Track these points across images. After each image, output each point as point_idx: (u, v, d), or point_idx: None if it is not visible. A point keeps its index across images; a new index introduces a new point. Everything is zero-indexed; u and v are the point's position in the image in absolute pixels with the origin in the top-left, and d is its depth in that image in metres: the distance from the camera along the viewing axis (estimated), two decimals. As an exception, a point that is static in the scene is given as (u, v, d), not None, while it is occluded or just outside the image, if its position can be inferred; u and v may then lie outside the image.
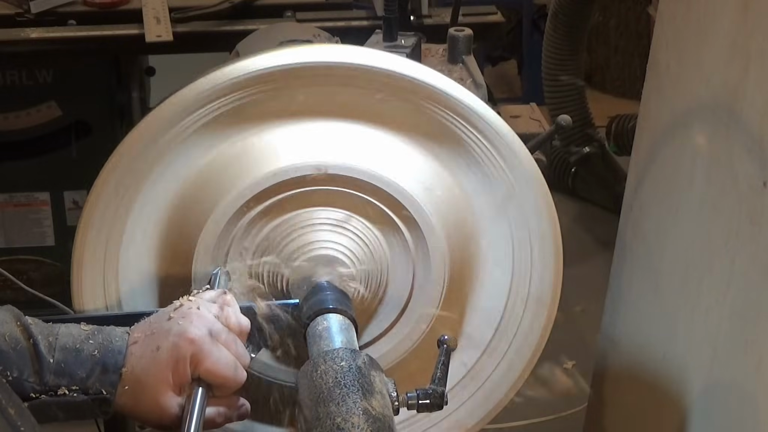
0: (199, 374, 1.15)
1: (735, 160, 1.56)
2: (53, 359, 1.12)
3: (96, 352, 1.13)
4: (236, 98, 1.28)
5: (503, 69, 5.08)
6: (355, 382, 1.11)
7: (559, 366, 3.08)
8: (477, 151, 1.33)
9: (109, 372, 1.13)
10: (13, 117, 2.68)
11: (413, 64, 1.34)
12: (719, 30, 1.63)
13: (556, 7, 3.66)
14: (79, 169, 2.67)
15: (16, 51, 2.54)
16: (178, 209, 1.30)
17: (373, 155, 1.31)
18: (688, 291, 1.73)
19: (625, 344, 2.03)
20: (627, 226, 2.01)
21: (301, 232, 1.30)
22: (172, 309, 1.19)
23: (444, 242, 1.32)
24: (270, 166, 1.28)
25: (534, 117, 2.03)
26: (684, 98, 1.77)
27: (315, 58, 1.30)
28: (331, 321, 1.24)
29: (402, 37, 1.92)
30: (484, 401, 1.40)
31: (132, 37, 2.57)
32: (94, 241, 1.30)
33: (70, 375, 1.12)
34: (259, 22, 2.53)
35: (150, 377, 1.14)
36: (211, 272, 1.29)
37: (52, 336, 1.14)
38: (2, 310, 1.15)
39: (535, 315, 1.38)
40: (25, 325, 1.13)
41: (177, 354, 1.14)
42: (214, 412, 1.18)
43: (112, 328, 1.17)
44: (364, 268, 1.31)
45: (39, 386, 1.11)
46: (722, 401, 1.63)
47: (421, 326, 1.34)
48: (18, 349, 1.11)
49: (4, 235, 2.80)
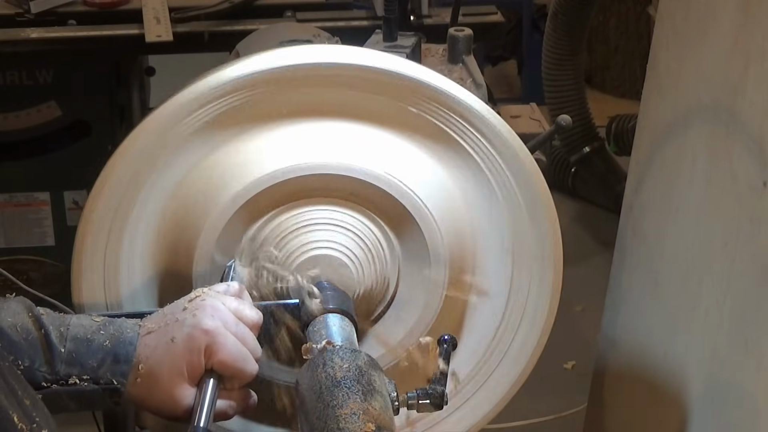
0: (212, 366, 1.16)
1: (735, 160, 1.56)
2: (64, 349, 1.13)
3: (107, 343, 1.14)
4: (236, 98, 1.28)
5: (503, 69, 5.08)
6: (355, 383, 1.11)
7: (559, 366, 3.08)
8: (476, 152, 1.33)
9: (121, 362, 1.14)
10: (13, 117, 2.68)
11: (413, 65, 1.34)
12: (719, 30, 1.63)
13: (556, 7, 3.66)
14: (79, 169, 2.66)
15: (16, 51, 2.54)
16: (178, 209, 1.30)
17: (373, 155, 1.31)
18: (688, 291, 1.73)
19: (625, 344, 2.03)
20: (627, 226, 2.01)
21: (301, 232, 1.30)
22: (186, 300, 1.19)
23: (444, 242, 1.32)
24: (270, 166, 1.28)
25: (534, 117, 2.03)
26: (684, 98, 1.77)
27: (315, 59, 1.30)
28: (331, 321, 1.24)
29: (402, 37, 1.92)
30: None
31: (132, 37, 2.57)
32: (94, 241, 1.30)
33: (82, 365, 1.13)
34: (259, 22, 2.54)
35: (164, 368, 1.14)
36: (208, 272, 1.29)
37: (64, 326, 1.15)
38: (14, 301, 1.17)
39: (535, 314, 1.38)
40: (37, 316, 1.15)
41: (191, 345, 1.15)
42: (225, 405, 1.19)
43: (123, 320, 1.18)
44: (365, 268, 1.31)
45: (50, 375, 1.13)
46: (722, 401, 1.63)
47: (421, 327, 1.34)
48: (29, 339, 1.13)
49: (4, 235, 2.79)
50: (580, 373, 2.96)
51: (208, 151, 1.30)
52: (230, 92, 1.28)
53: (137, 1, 2.70)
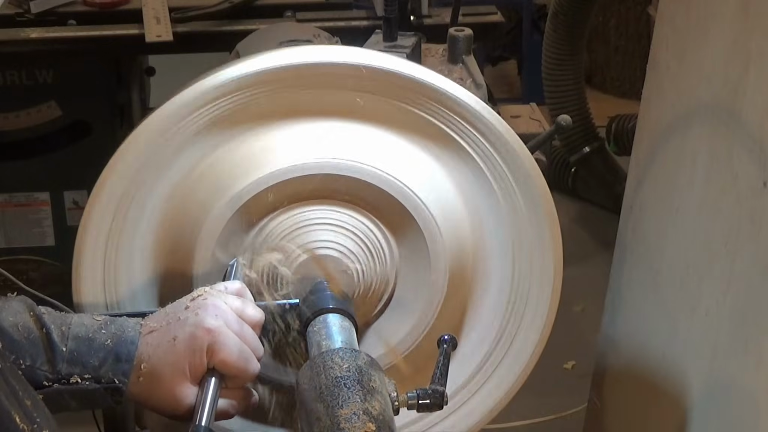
0: (214, 365, 1.16)
1: (735, 160, 1.56)
2: (66, 348, 1.13)
3: (109, 342, 1.14)
4: (237, 98, 1.29)
5: (503, 69, 5.08)
6: (355, 383, 1.11)
7: (559, 366, 3.08)
8: (476, 152, 1.33)
9: (122, 361, 1.14)
10: (13, 117, 2.68)
11: (413, 65, 1.34)
12: (719, 30, 1.63)
13: (556, 7, 3.66)
14: (79, 169, 2.65)
15: (16, 51, 2.54)
16: (178, 209, 1.30)
17: (373, 155, 1.31)
18: (688, 291, 1.73)
19: (625, 344, 2.03)
20: (627, 226, 2.01)
21: (301, 232, 1.30)
22: (188, 299, 1.20)
23: (444, 242, 1.32)
24: (270, 166, 1.28)
25: (534, 117, 2.03)
26: (684, 98, 1.77)
27: (315, 59, 1.30)
28: (331, 321, 1.24)
29: (402, 37, 1.93)
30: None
31: (132, 37, 2.57)
32: (94, 241, 1.30)
33: (83, 363, 1.13)
34: (259, 22, 2.54)
35: (166, 367, 1.14)
36: (209, 272, 1.29)
37: (65, 325, 1.15)
38: (15, 300, 1.17)
39: (535, 314, 1.38)
40: (38, 315, 1.15)
41: (194, 344, 1.15)
42: (226, 404, 1.19)
43: (124, 319, 1.18)
44: (365, 268, 1.31)
45: (52, 375, 1.13)
46: (722, 401, 1.63)
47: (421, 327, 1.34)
48: (31, 338, 1.13)
49: (4, 235, 2.79)
50: (580, 373, 2.96)
51: (209, 151, 1.30)
52: (230, 92, 1.28)
53: (137, 1, 2.70)
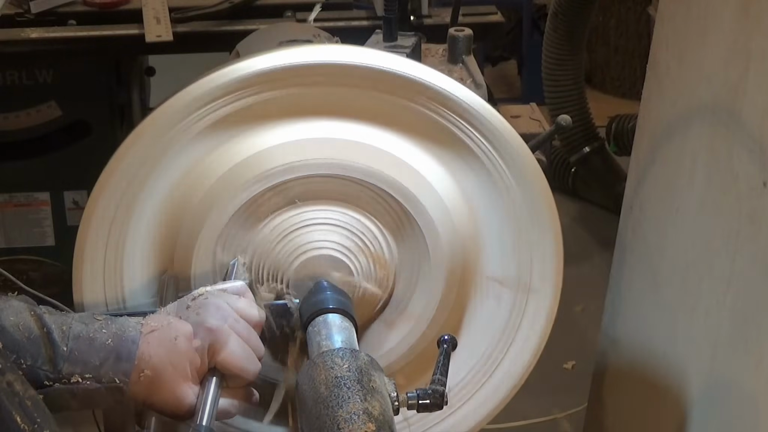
0: (215, 364, 1.16)
1: (735, 160, 1.56)
2: (67, 347, 1.13)
3: (110, 341, 1.14)
4: (237, 98, 1.29)
5: (503, 69, 5.08)
6: (355, 383, 1.11)
7: (559, 366, 3.08)
8: (478, 152, 1.33)
9: (123, 361, 1.14)
10: (13, 117, 2.68)
11: (414, 64, 1.34)
12: (719, 30, 1.63)
13: (556, 7, 3.65)
14: (79, 169, 2.66)
15: (16, 51, 2.54)
16: (178, 209, 1.30)
17: (373, 155, 1.31)
18: (688, 291, 1.73)
19: (625, 344, 2.03)
20: (627, 226, 2.01)
21: (301, 232, 1.30)
22: (189, 299, 1.19)
23: (444, 242, 1.32)
24: (270, 166, 1.28)
25: (534, 117, 2.02)
26: (684, 98, 1.77)
27: (315, 58, 1.30)
28: (331, 321, 1.24)
29: (402, 37, 1.92)
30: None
31: (132, 37, 2.57)
32: (95, 241, 1.30)
33: (84, 363, 1.13)
34: (259, 22, 2.54)
35: (167, 366, 1.14)
36: (209, 272, 1.30)
37: (66, 325, 1.15)
38: (16, 300, 1.17)
39: (535, 314, 1.38)
40: (39, 315, 1.14)
41: (195, 344, 1.15)
42: (227, 403, 1.19)
43: (125, 319, 1.18)
44: (365, 268, 1.31)
45: (53, 374, 1.12)
46: (722, 401, 1.63)
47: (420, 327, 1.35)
48: (31, 337, 1.12)
49: (4, 235, 2.79)
50: (580, 373, 2.96)
51: (209, 151, 1.30)
52: (230, 92, 1.28)
53: (137, 1, 2.70)
